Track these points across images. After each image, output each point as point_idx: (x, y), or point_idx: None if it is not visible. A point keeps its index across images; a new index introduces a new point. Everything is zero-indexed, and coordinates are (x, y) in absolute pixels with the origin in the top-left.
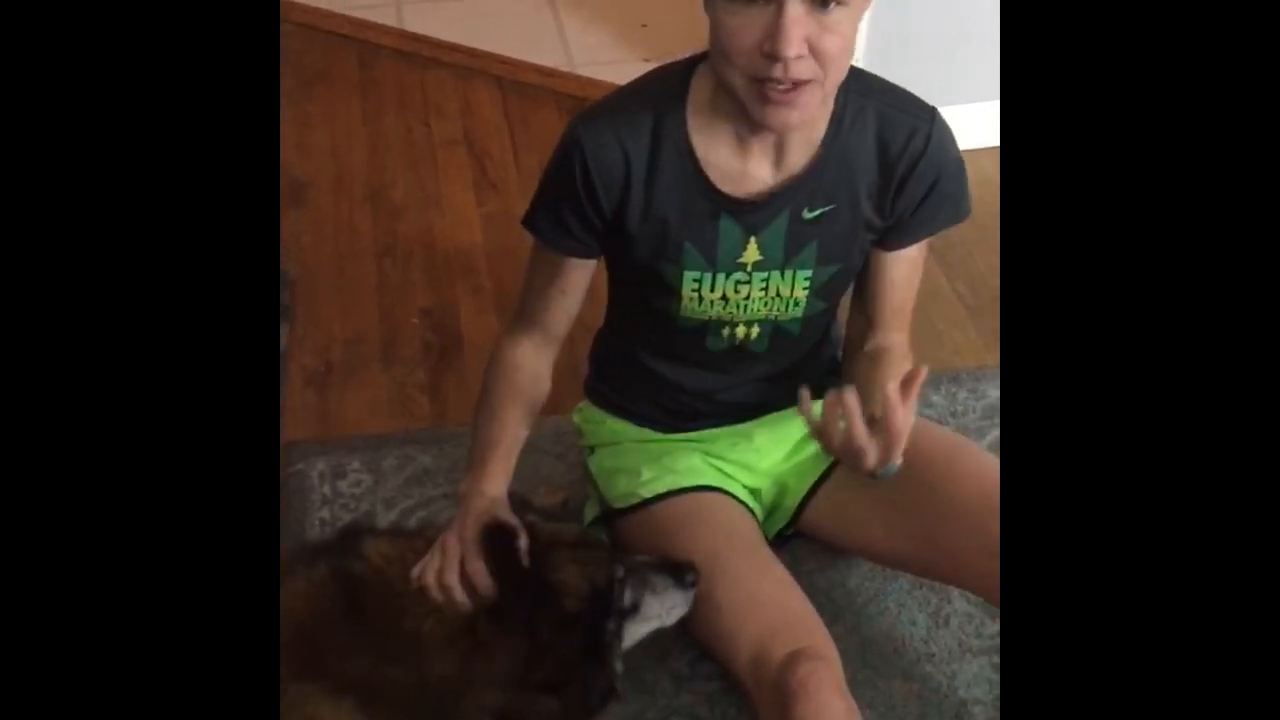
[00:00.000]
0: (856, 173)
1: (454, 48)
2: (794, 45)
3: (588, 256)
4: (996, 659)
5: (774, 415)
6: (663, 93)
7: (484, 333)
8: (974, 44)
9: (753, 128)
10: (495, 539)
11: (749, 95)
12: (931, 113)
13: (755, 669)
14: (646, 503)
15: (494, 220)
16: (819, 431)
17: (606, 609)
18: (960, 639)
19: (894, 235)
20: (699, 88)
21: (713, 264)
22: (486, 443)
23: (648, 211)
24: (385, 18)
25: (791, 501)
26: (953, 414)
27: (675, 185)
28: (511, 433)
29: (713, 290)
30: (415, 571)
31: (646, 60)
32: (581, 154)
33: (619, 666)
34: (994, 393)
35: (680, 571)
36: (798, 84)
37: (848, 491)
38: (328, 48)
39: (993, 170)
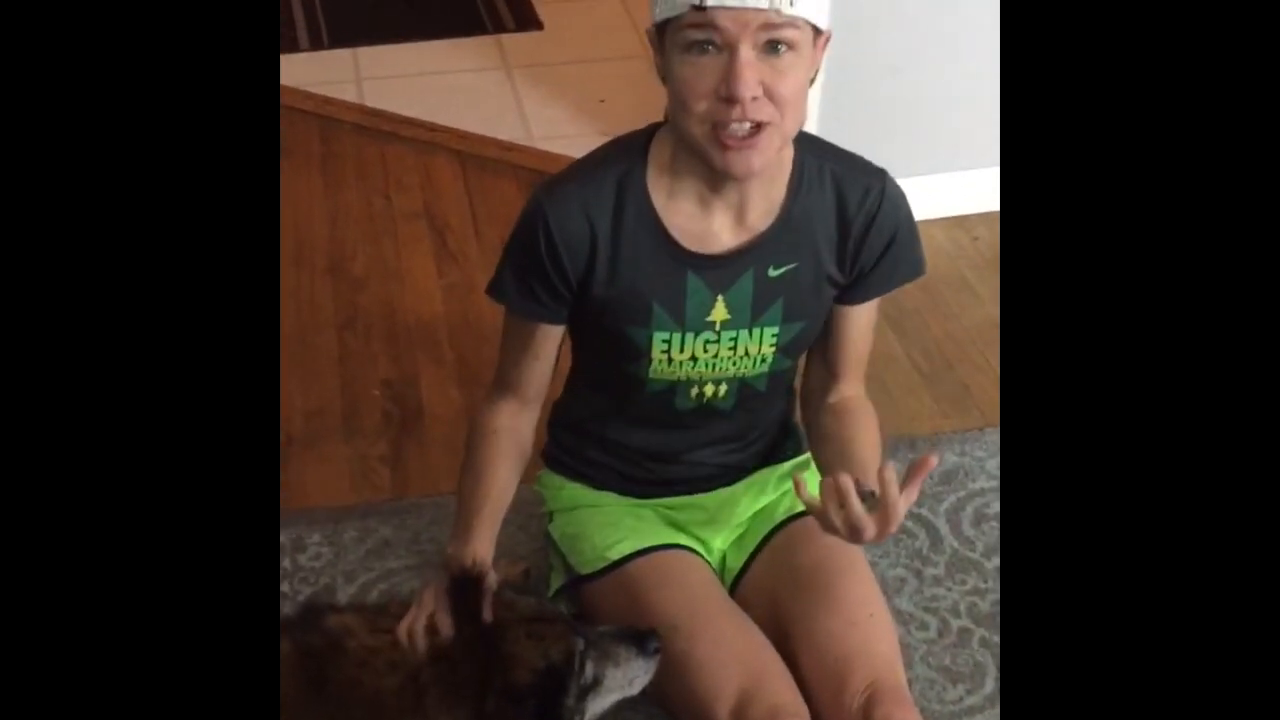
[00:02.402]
0: (817, 230)
1: (414, 123)
2: (749, 86)
3: (556, 322)
4: None
5: (727, 491)
6: (623, 159)
7: (445, 404)
8: (924, 119)
9: (714, 186)
10: (461, 585)
11: (709, 144)
12: (882, 174)
13: None
14: (615, 565)
15: (455, 292)
16: (819, 515)
17: (562, 686)
18: (922, 705)
19: (855, 291)
20: (658, 151)
21: (681, 324)
22: (470, 507)
23: (614, 276)
24: (346, 93)
25: (728, 577)
26: None
27: (640, 248)
28: (494, 496)
29: (682, 351)
30: (399, 627)
31: (604, 134)
32: (546, 223)
33: None
34: (951, 458)
35: (643, 640)
36: (758, 127)
37: (764, 577)
38: (289, 123)
39: (944, 239)
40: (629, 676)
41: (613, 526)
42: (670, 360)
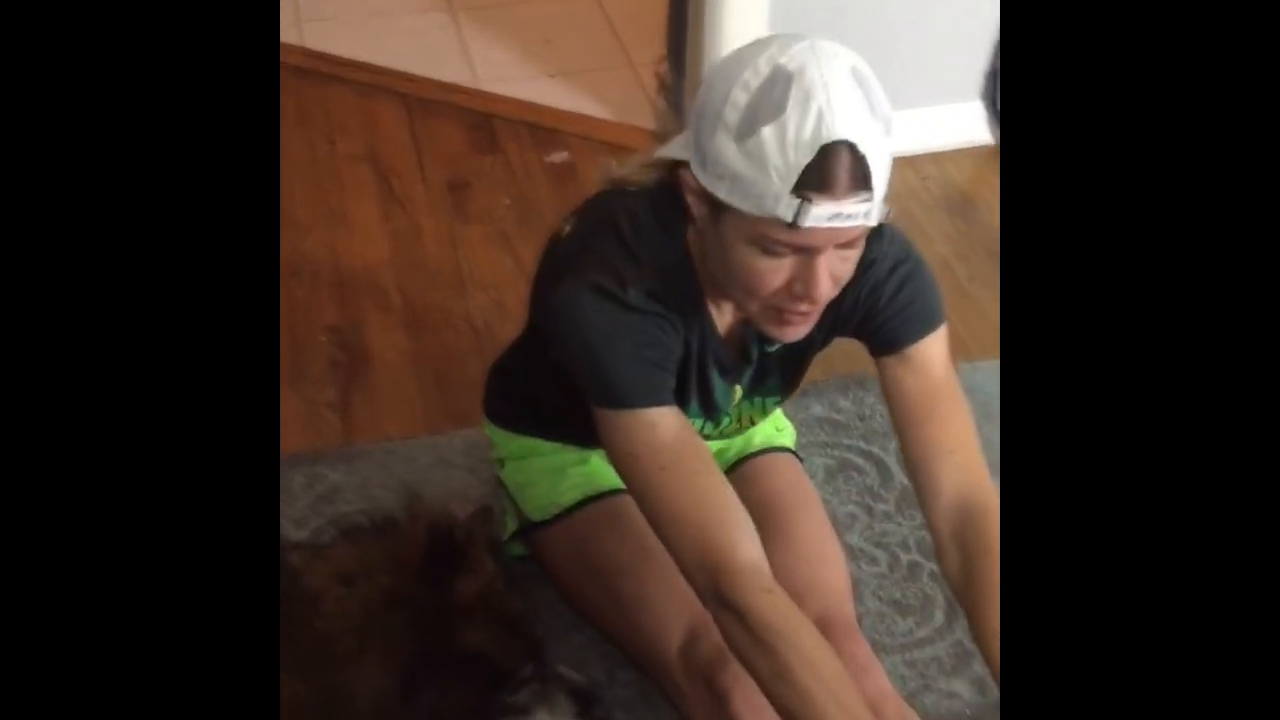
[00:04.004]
0: None
1: (357, 65)
2: (826, 287)
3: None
4: (909, 656)
5: None
6: (672, 261)
7: (393, 349)
8: (869, 58)
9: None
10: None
11: (765, 318)
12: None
13: (686, 662)
14: (565, 511)
15: (401, 236)
16: None
17: (486, 693)
18: (872, 638)
19: (880, 341)
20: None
21: (709, 414)
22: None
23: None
24: (286, 35)
25: None
26: (860, 418)
27: (694, 342)
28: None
29: (702, 430)
30: None
31: (550, 75)
32: (636, 296)
33: None
34: None
35: (589, 703)
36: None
37: None
38: None
39: (893, 180)
40: None
41: (562, 474)
42: None
